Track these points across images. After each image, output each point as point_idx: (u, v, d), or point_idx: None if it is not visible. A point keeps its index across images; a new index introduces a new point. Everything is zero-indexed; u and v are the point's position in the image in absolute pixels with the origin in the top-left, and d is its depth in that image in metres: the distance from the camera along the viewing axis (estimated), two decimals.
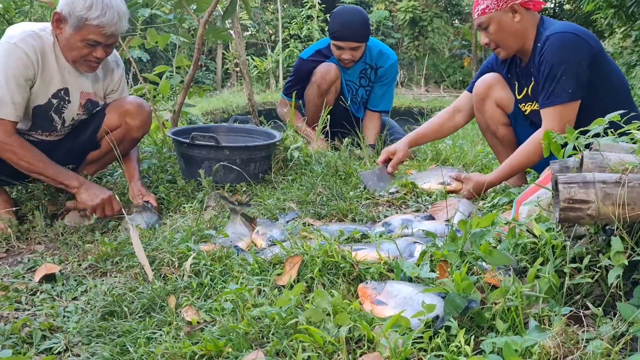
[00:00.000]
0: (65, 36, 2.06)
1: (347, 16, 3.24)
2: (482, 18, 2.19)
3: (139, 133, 2.37)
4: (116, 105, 2.33)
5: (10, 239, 2.03)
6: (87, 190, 2.11)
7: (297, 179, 2.54)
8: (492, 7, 2.16)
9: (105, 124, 2.31)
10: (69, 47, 2.08)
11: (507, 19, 2.17)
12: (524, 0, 2.16)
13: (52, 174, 2.10)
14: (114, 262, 1.80)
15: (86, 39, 2.04)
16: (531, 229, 1.57)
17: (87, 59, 2.10)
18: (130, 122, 2.31)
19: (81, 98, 2.23)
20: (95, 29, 2.02)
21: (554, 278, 1.36)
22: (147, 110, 2.37)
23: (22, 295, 1.62)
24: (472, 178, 2.35)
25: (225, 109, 8.76)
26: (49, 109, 2.16)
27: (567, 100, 2.07)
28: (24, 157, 2.05)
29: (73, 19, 2.01)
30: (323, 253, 1.56)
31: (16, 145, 2.04)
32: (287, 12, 14.71)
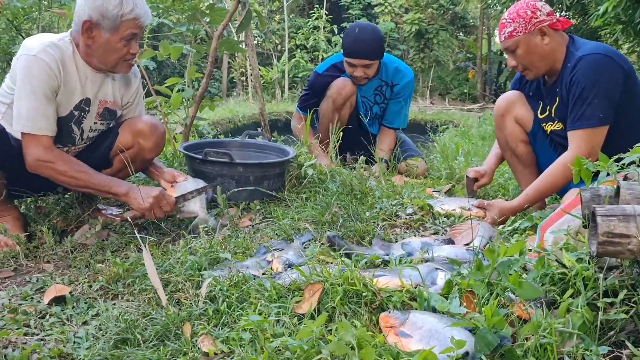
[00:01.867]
0: (100, 42, 2.01)
1: (360, 33, 3.20)
2: (509, 42, 2.15)
3: (152, 154, 2.31)
4: (130, 124, 2.28)
5: (18, 257, 1.97)
6: (136, 194, 2.04)
7: (311, 197, 2.49)
8: (520, 30, 2.12)
9: (117, 144, 2.26)
10: (106, 52, 2.03)
11: (535, 42, 2.12)
12: (552, 22, 2.11)
13: (97, 184, 2.04)
14: (125, 284, 1.74)
15: (125, 36, 2.00)
16: (560, 259, 1.51)
17: (126, 58, 2.07)
18: (143, 143, 2.26)
19: (99, 107, 2.19)
20: (133, 22, 1.99)
21: (587, 313, 1.30)
22: (161, 131, 2.31)
23: (31, 319, 1.57)
24: (495, 205, 2.28)
25: (231, 119, 8.73)
26: (69, 120, 2.11)
27: (597, 125, 2.02)
28: (66, 172, 2.00)
29: (107, 21, 1.96)
30: (344, 280, 1.51)
31: (56, 160, 1.99)
32: (294, 22, 14.74)
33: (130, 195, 2.04)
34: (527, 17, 2.12)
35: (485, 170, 2.61)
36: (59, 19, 9.69)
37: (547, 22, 2.12)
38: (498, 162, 2.67)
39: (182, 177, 2.29)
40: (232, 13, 2.68)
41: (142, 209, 2.04)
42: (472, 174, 2.61)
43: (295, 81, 13.22)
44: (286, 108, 10.42)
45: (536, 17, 2.12)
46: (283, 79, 12.59)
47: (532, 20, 2.12)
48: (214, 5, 2.86)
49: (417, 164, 3.27)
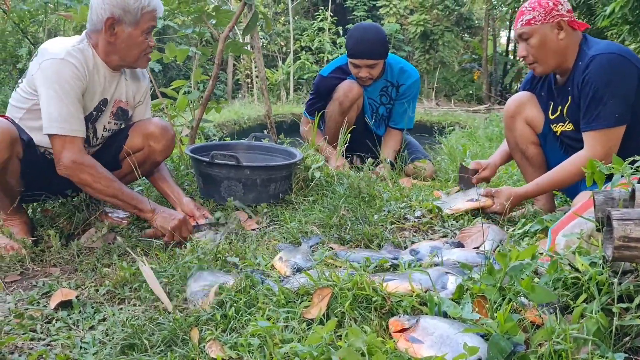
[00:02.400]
0: (124, 37, 2.04)
1: (363, 33, 3.18)
2: (526, 29, 2.12)
3: (161, 157, 2.31)
4: (140, 126, 2.28)
5: (24, 261, 1.96)
6: (161, 214, 2.07)
7: (318, 200, 2.47)
8: (539, 19, 2.09)
9: (127, 146, 2.26)
10: (130, 47, 2.06)
11: (551, 35, 2.10)
12: (571, 19, 2.09)
13: (127, 197, 2.05)
14: (132, 288, 1.72)
15: (145, 29, 2.05)
16: (573, 263, 1.49)
17: (146, 52, 2.11)
18: (154, 145, 2.26)
19: (114, 106, 2.20)
20: (151, 14, 2.06)
21: (602, 319, 1.28)
22: (171, 134, 2.32)
23: (37, 323, 1.55)
24: (503, 191, 2.28)
25: (236, 121, 8.73)
26: (88, 120, 2.12)
27: (613, 125, 1.99)
28: (101, 179, 2.00)
29: (130, 16, 2.01)
30: (353, 285, 1.49)
31: (94, 164, 2.00)
32: (299, 24, 14.75)
33: (155, 215, 2.07)
34: (548, 7, 2.09)
35: (488, 163, 2.58)
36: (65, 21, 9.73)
37: (566, 18, 2.09)
38: (504, 160, 2.64)
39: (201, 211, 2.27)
40: (239, 15, 2.67)
41: (165, 229, 2.05)
42: (473, 165, 2.59)
43: (300, 83, 13.22)
44: (291, 110, 10.42)
45: (557, 10, 2.09)
46: (288, 81, 12.60)
47: (553, 12, 2.09)
48: (220, 8, 2.85)
49: (424, 166, 3.24)
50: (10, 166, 1.96)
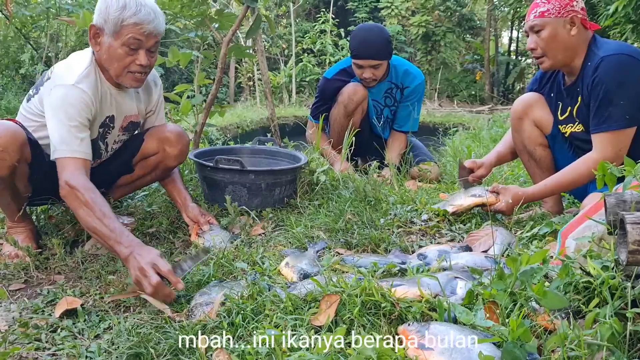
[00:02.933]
0: (104, 48, 1.94)
1: (366, 34, 3.16)
2: (538, 20, 2.10)
3: (175, 162, 2.29)
4: (156, 132, 2.27)
5: (29, 269, 1.94)
6: (131, 262, 1.67)
7: (324, 204, 2.45)
8: (553, 12, 2.07)
9: (142, 149, 2.25)
10: (110, 59, 1.95)
11: (563, 30, 2.08)
12: (584, 17, 2.07)
13: (104, 235, 1.74)
14: (138, 296, 1.70)
15: (126, 42, 1.90)
16: (584, 267, 1.46)
17: (130, 70, 1.96)
18: (169, 150, 2.24)
19: (123, 121, 2.17)
20: (133, 27, 1.88)
21: (616, 324, 1.25)
22: (187, 140, 2.30)
23: (42, 332, 1.53)
24: (509, 190, 2.23)
25: (239, 124, 8.71)
26: (97, 139, 2.10)
27: (623, 126, 1.97)
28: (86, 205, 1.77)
29: (109, 24, 1.90)
30: (362, 291, 1.47)
31: (83, 189, 1.79)
32: (300, 26, 14.73)
33: (127, 263, 1.70)
34: (564, 2, 2.08)
35: (483, 162, 2.55)
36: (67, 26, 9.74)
37: (580, 15, 2.08)
38: (498, 161, 2.61)
39: (206, 217, 2.22)
40: (241, 18, 2.65)
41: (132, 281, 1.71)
42: (468, 164, 2.56)
43: (302, 85, 13.20)
44: (294, 112, 10.40)
45: (572, 6, 2.08)
46: (290, 84, 12.58)
47: (567, 7, 2.07)
48: (223, 11, 2.84)
49: (429, 169, 3.22)
50: (19, 170, 1.94)
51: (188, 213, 2.24)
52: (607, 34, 9.64)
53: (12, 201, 2.03)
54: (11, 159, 1.88)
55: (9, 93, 10.41)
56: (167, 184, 2.34)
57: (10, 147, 1.87)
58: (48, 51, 10.47)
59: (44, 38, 10.95)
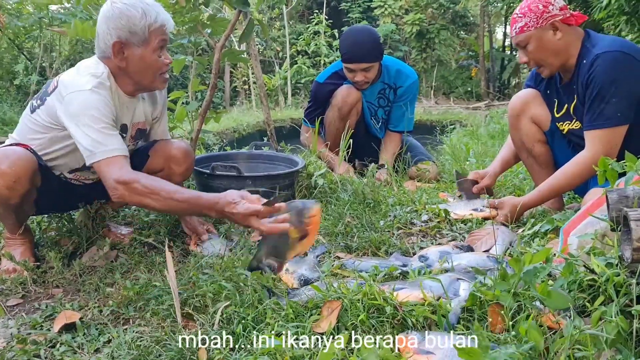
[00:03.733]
0: (136, 59, 1.91)
1: (355, 37, 3.14)
2: (521, 37, 2.09)
3: (181, 179, 2.25)
4: (162, 148, 2.22)
5: (26, 283, 1.92)
6: (230, 216, 1.69)
7: (322, 207, 2.42)
8: (532, 24, 2.06)
9: (148, 166, 2.20)
10: (144, 69, 1.94)
11: (547, 37, 2.06)
12: (565, 17, 2.05)
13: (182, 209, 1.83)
14: (137, 308, 1.68)
15: (156, 46, 1.91)
16: (588, 264, 1.45)
17: (162, 71, 1.97)
18: (175, 168, 2.20)
19: (132, 129, 2.13)
20: (160, 29, 1.91)
21: (622, 322, 1.23)
22: (193, 157, 2.27)
23: (41, 348, 1.51)
24: (506, 202, 2.25)
25: (236, 128, 8.68)
26: None
27: (615, 124, 1.96)
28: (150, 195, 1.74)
29: (137, 36, 1.88)
30: (364, 296, 1.45)
31: (135, 180, 1.75)
32: (294, 28, 14.72)
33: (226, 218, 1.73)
34: (539, 11, 2.06)
35: (487, 172, 2.55)
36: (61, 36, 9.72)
37: (559, 17, 2.05)
38: (504, 168, 2.61)
39: (204, 226, 2.21)
40: (234, 23, 2.63)
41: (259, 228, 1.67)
42: (472, 175, 2.56)
43: (298, 87, 13.18)
44: (290, 115, 10.37)
45: (548, 12, 2.06)
46: (286, 86, 12.55)
47: (544, 15, 2.06)
48: (215, 16, 2.81)
49: (428, 168, 3.20)
50: (28, 195, 1.93)
51: (187, 223, 2.22)
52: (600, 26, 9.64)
53: (15, 219, 2.01)
54: (23, 189, 1.87)
55: (4, 104, 10.37)
56: None
57: (23, 177, 1.85)
58: (42, 61, 10.44)
59: (37, 48, 10.93)
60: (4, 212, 1.97)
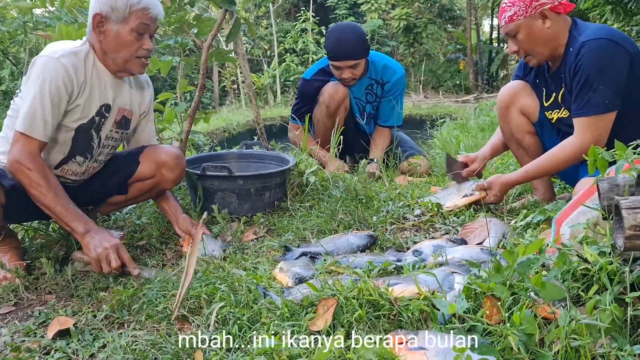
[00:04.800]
0: (112, 36, 1.95)
1: (340, 34, 3.13)
2: (510, 26, 2.09)
3: (172, 185, 2.26)
4: (152, 154, 2.21)
5: (18, 290, 1.90)
6: (91, 238, 1.86)
7: (315, 205, 2.42)
8: (521, 13, 2.06)
9: (138, 174, 2.20)
10: (118, 47, 1.96)
11: (537, 25, 2.06)
12: (554, 5, 2.05)
13: (60, 211, 1.88)
14: (131, 312, 1.67)
15: (135, 27, 1.94)
16: (581, 254, 1.45)
17: (138, 55, 1.99)
18: (166, 174, 2.20)
19: (117, 114, 2.12)
20: (142, 12, 1.94)
21: (616, 310, 1.24)
22: (184, 163, 2.27)
23: (35, 356, 1.50)
24: (494, 182, 2.28)
25: (225, 128, 8.67)
26: (90, 127, 2.04)
27: (603, 112, 1.97)
28: (38, 186, 1.85)
29: (117, 13, 1.92)
30: (359, 292, 1.45)
31: (34, 169, 1.85)
32: (281, 26, 14.69)
33: (85, 238, 1.87)
34: (528, 0, 2.06)
35: (477, 156, 2.57)
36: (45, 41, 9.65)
37: (548, 5, 2.06)
38: (493, 153, 2.63)
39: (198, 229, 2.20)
40: (220, 23, 2.62)
41: (90, 256, 1.87)
42: (461, 158, 2.58)
43: (287, 85, 13.16)
44: (280, 113, 10.37)
45: (537, 1, 2.06)
46: (275, 84, 12.53)
47: (533, 3, 2.06)
48: (202, 16, 2.80)
49: (419, 163, 3.21)
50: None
51: (179, 225, 2.21)
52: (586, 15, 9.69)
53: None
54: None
55: None
56: (157, 196, 2.30)
57: None
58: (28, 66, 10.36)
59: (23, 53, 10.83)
60: None
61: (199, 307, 1.61)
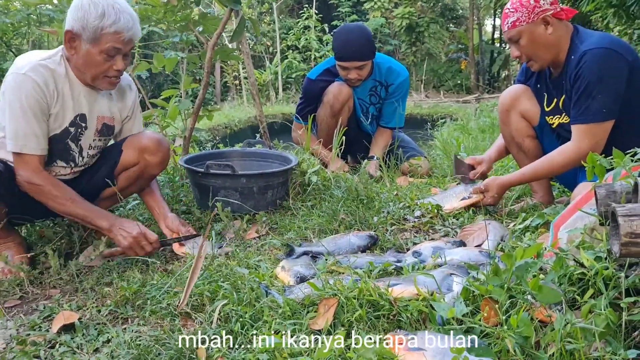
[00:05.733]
0: (81, 54, 1.94)
1: (348, 35, 3.16)
2: (513, 31, 2.12)
3: (158, 169, 2.26)
4: (133, 141, 2.23)
5: (23, 284, 1.93)
6: (118, 231, 1.98)
7: (316, 204, 2.45)
8: (523, 19, 2.09)
9: (122, 161, 2.21)
10: (87, 65, 1.96)
11: (539, 31, 2.09)
12: (556, 11, 2.08)
13: (82, 214, 1.98)
14: (135, 307, 1.70)
15: (105, 50, 1.92)
16: (577, 258, 1.48)
17: (107, 74, 1.99)
18: (150, 158, 2.21)
19: (97, 123, 2.13)
20: (113, 36, 1.91)
21: (611, 314, 1.27)
22: (166, 146, 2.26)
23: (40, 349, 1.52)
24: (491, 184, 2.32)
25: (227, 124, 8.69)
26: (65, 137, 2.06)
27: (601, 119, 2.00)
28: (55, 198, 1.94)
29: (88, 32, 1.90)
30: (359, 292, 1.48)
31: (45, 184, 1.94)
32: (284, 23, 14.69)
33: (112, 231, 1.98)
34: (530, 6, 2.09)
35: (483, 159, 2.62)
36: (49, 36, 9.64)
37: (550, 11, 2.09)
38: (499, 156, 2.66)
39: (186, 227, 2.21)
40: (225, 22, 2.64)
41: (122, 246, 1.98)
42: (469, 160, 2.63)
43: (289, 82, 13.18)
44: (282, 110, 10.39)
45: (539, 7, 2.09)
46: (277, 81, 12.55)
47: (535, 10, 2.09)
48: (207, 15, 2.83)
49: (420, 164, 3.24)
50: None
51: (167, 223, 2.21)
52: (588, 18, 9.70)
53: None
54: None
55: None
56: (145, 194, 2.30)
57: None
58: None
59: (26, 45, 10.84)
60: None
61: (202, 305, 1.64)
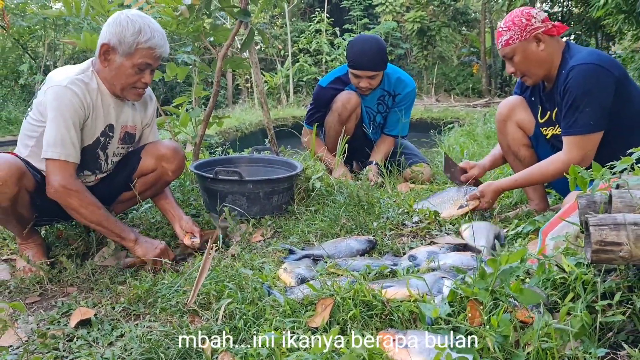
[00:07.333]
0: (114, 66, 2.09)
1: (364, 45, 3.28)
2: (507, 49, 2.22)
3: (173, 177, 2.41)
4: (152, 149, 2.37)
5: (43, 282, 2.06)
6: (143, 244, 2.14)
7: (319, 209, 2.56)
8: (516, 37, 2.19)
9: (140, 167, 2.36)
10: (117, 76, 2.11)
11: (532, 48, 2.19)
12: (547, 28, 2.18)
13: (111, 225, 2.11)
14: (146, 304, 1.82)
15: (138, 64, 2.08)
16: (560, 264, 1.58)
17: (135, 86, 2.14)
18: (167, 166, 2.35)
19: (121, 132, 2.28)
20: (147, 51, 2.07)
21: (586, 316, 1.37)
22: (182, 154, 2.41)
23: (59, 342, 1.65)
24: (486, 190, 2.43)
25: (238, 127, 8.82)
26: (96, 147, 2.21)
27: (588, 132, 2.09)
28: (87, 206, 2.06)
29: (124, 46, 2.05)
30: (354, 293, 1.58)
31: (82, 190, 2.06)
32: (296, 26, 14.80)
33: (138, 243, 2.13)
34: (522, 24, 2.19)
35: (476, 164, 2.74)
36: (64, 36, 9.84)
37: (542, 29, 2.18)
38: (493, 165, 2.77)
39: (198, 229, 2.34)
40: (235, 33, 2.76)
41: (146, 259, 2.13)
42: (463, 164, 2.76)
43: (300, 85, 13.30)
44: (292, 113, 10.51)
45: (531, 25, 2.18)
46: (288, 84, 12.67)
47: (527, 28, 2.18)
48: (217, 26, 2.95)
49: (422, 170, 3.33)
50: (20, 199, 2.06)
51: (182, 224, 2.34)
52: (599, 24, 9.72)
53: (17, 224, 2.15)
54: (11, 191, 2.00)
55: (9, 104, 10.51)
56: (160, 199, 2.44)
57: (9, 180, 1.98)
58: (46, 60, 10.58)
59: (41, 47, 11.06)
60: (3, 216, 2.10)
61: (209, 303, 1.75)
